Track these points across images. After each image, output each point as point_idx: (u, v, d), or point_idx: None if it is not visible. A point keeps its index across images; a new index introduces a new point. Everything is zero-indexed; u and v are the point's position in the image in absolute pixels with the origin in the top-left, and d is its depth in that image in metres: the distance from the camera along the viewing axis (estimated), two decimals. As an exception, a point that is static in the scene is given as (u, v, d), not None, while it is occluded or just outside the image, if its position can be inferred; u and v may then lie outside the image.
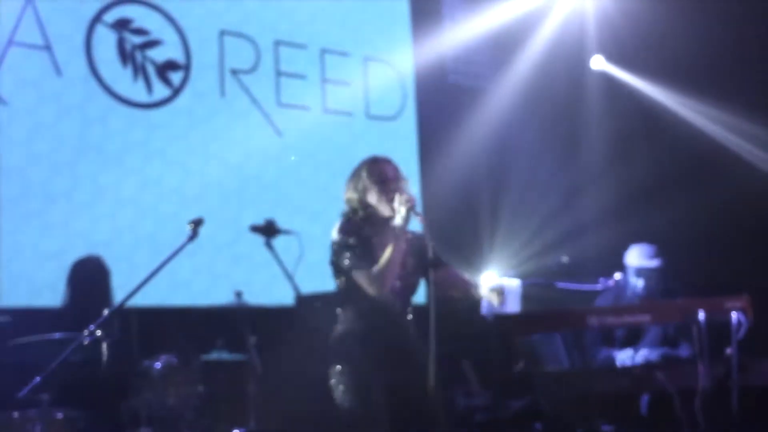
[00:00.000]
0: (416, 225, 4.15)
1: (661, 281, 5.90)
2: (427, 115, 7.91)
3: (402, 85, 7.86)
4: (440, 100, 8.00)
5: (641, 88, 8.00)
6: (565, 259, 6.30)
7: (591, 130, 8.17)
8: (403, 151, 7.46)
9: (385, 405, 4.01)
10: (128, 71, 6.50)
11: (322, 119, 7.34)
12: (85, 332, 4.32)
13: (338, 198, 4.43)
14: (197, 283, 6.48)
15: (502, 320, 5.12)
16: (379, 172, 4.22)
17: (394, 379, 4.03)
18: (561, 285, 5.97)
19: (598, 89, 8.33)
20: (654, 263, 5.89)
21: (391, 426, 3.98)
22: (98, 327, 4.30)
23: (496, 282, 4.33)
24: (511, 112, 8.18)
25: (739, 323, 4.65)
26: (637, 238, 6.10)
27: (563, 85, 8.28)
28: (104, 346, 4.66)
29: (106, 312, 4.41)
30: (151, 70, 6.60)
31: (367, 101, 7.63)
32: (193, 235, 4.26)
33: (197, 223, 4.28)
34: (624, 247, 6.07)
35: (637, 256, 5.93)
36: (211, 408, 5.33)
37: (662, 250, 6.01)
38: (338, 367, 4.11)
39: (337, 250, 4.16)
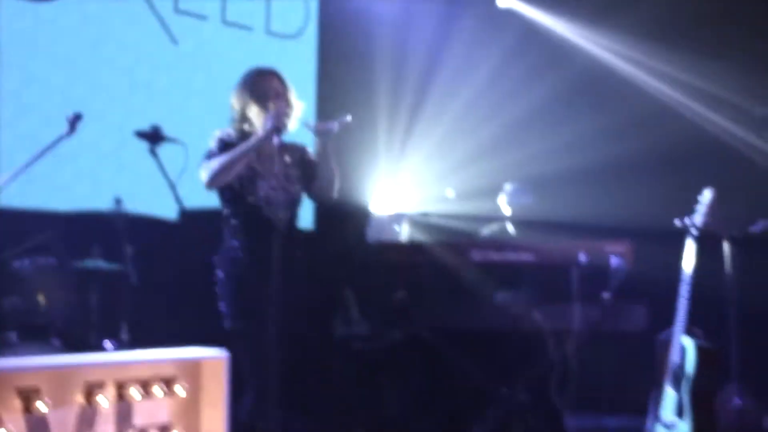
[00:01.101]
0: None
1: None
2: (328, 37, 7.73)
3: (305, 3, 7.66)
4: (344, 22, 7.82)
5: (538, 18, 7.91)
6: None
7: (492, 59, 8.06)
8: (301, 72, 7.28)
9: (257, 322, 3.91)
10: (18, -40, 6.14)
11: (220, 30, 7.10)
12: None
13: (228, 112, 4.32)
14: (78, 189, 6.23)
15: (386, 248, 5.09)
16: (263, 87, 4.15)
17: (265, 298, 3.94)
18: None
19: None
20: (525, 199, 5.91)
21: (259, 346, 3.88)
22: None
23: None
24: (415, 40, 8.06)
25: (618, 268, 4.71)
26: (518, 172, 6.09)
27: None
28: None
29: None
30: (42, -39, 6.24)
31: (268, 16, 7.41)
32: (71, 130, 4.05)
33: (75, 119, 4.07)
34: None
35: (509, 194, 5.93)
36: (83, 317, 5.17)
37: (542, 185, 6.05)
38: (219, 275, 4.00)
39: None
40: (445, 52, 8.30)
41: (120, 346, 5.05)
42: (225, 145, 4.09)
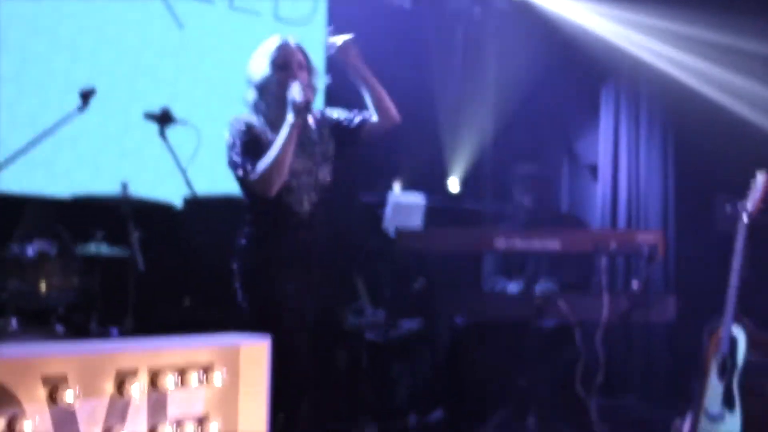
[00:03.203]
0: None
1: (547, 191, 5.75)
2: (338, 25, 7.54)
3: (315, -12, 7.48)
4: (353, 10, 7.64)
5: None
6: None
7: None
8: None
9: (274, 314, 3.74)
10: (20, -64, 5.92)
11: (227, 15, 6.90)
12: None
13: (237, 99, 4.10)
14: (80, 175, 6.02)
15: (404, 236, 4.92)
16: (287, 58, 3.90)
17: (286, 292, 3.77)
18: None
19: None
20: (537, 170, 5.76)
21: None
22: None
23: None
24: (424, 28, 7.90)
25: (650, 257, 4.55)
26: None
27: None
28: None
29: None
30: (45, -62, 6.03)
31: (276, 2, 7.22)
32: (83, 106, 3.85)
33: (88, 94, 3.86)
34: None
35: (520, 164, 5.79)
36: (87, 303, 4.97)
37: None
38: (235, 266, 3.81)
39: (228, 152, 3.86)
40: (454, 39, 8.15)
41: (124, 333, 4.87)
42: (254, 137, 3.81)
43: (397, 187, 6.32)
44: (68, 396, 2.10)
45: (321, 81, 4.08)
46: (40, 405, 2.07)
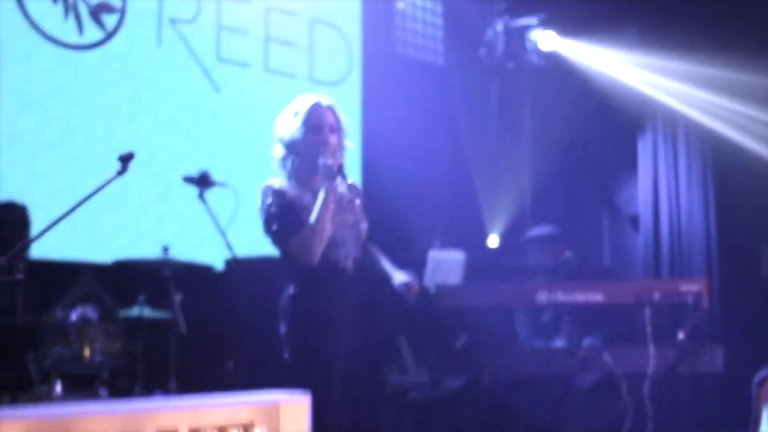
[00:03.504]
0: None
1: (552, 252, 5.69)
2: (371, 83, 7.62)
3: (348, 50, 7.57)
4: (387, 69, 7.72)
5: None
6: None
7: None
8: (345, 118, 7.15)
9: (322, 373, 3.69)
10: (59, 8, 6.06)
11: (263, 78, 7.00)
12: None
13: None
14: (121, 240, 6.08)
15: (445, 292, 4.89)
16: (319, 120, 3.83)
17: (334, 351, 3.72)
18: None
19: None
20: (545, 231, 5.72)
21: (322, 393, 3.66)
22: (9, 265, 3.93)
23: (406, 277, 3.91)
24: (458, 89, 7.95)
25: (695, 306, 4.49)
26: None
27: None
28: (14, 294, 4.31)
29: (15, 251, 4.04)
30: (83, 10, 6.16)
31: (311, 64, 7.31)
32: (123, 170, 3.88)
33: (127, 158, 3.90)
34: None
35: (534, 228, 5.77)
36: (130, 367, 4.99)
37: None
38: (281, 327, 3.78)
39: (264, 219, 3.78)
40: (489, 95, 8.19)
41: (168, 396, 4.87)
42: (288, 204, 3.74)
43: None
44: (110, 457, 2.09)
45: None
46: (81, 467, 2.06)
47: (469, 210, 7.76)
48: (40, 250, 5.19)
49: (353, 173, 4.05)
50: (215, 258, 5.87)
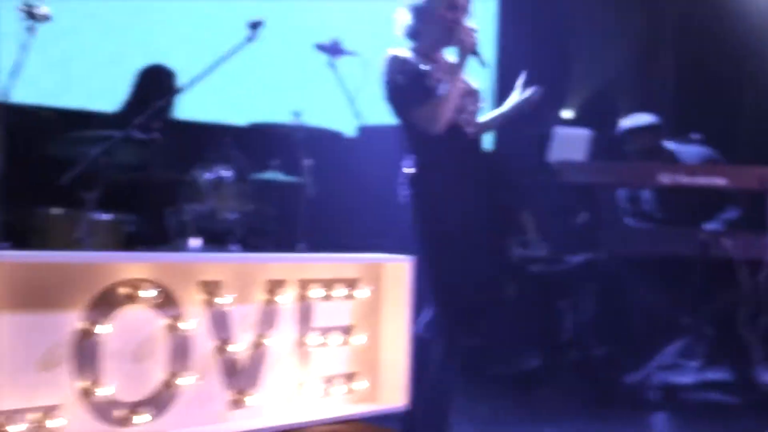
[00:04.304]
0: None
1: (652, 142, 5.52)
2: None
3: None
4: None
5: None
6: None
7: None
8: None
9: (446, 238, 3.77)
10: None
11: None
12: (134, 128, 4.19)
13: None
14: (256, 104, 6.30)
15: (567, 168, 4.91)
16: None
17: (465, 214, 3.79)
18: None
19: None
20: (644, 120, 5.52)
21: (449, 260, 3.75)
22: (146, 124, 4.17)
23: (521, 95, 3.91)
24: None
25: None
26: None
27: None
28: (155, 150, 4.57)
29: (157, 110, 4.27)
30: None
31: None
32: (252, 36, 4.02)
33: (256, 25, 4.03)
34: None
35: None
36: (261, 226, 5.24)
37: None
38: (406, 192, 3.86)
39: (387, 89, 3.77)
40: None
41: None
42: (414, 75, 3.71)
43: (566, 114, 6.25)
44: (223, 300, 2.28)
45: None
46: (198, 307, 2.26)
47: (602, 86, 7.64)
48: (182, 112, 5.46)
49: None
50: (344, 125, 6.01)
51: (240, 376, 2.36)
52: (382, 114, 4.33)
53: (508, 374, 5.59)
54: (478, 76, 3.86)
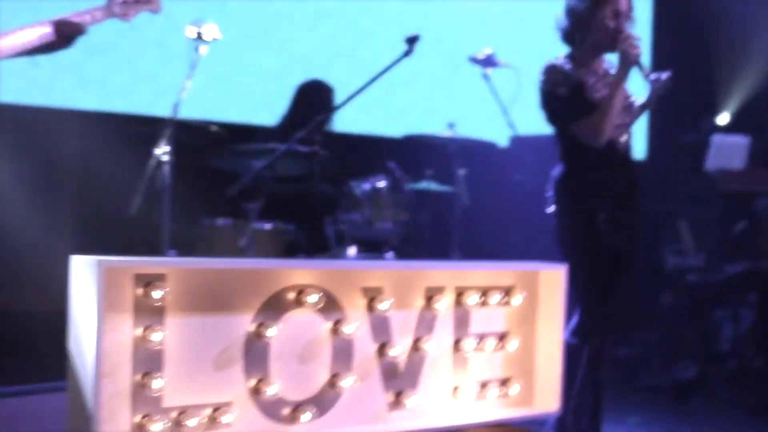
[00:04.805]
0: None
1: None
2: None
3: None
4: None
5: None
6: None
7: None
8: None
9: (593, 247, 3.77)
10: None
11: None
12: (296, 141, 4.37)
13: (556, 43, 4.08)
14: (411, 115, 6.44)
15: (725, 176, 4.83)
16: (617, 3, 3.64)
17: (613, 221, 3.78)
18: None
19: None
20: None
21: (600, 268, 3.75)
22: (308, 137, 4.35)
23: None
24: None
25: None
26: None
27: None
28: (316, 163, 4.75)
29: (317, 123, 4.43)
30: None
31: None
32: (409, 51, 4.14)
33: (413, 40, 4.15)
34: None
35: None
36: (415, 236, 5.36)
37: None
38: (556, 202, 3.83)
39: (546, 100, 3.76)
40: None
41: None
42: (573, 87, 3.69)
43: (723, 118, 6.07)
44: (384, 306, 2.38)
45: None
46: (359, 312, 2.37)
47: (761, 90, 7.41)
48: (340, 125, 5.64)
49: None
50: (497, 135, 6.08)
51: (399, 379, 2.46)
52: (534, 124, 4.38)
53: (663, 384, 5.53)
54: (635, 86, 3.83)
